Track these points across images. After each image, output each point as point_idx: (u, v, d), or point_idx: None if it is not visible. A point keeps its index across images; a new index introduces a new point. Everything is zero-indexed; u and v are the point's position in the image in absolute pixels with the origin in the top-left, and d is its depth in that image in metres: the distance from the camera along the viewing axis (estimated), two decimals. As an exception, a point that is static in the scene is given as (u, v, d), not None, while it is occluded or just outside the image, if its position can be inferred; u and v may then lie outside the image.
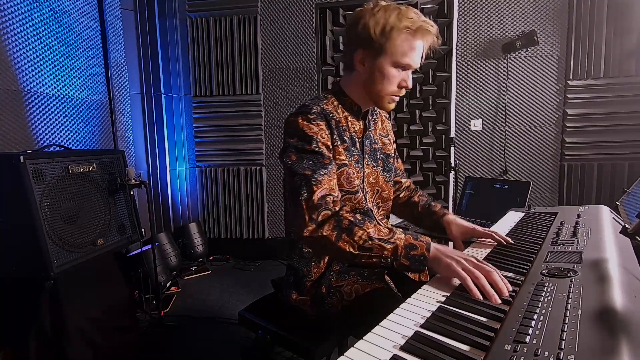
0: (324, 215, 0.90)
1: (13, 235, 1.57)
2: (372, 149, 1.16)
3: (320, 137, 0.99)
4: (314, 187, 0.92)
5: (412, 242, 0.88)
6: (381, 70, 1.01)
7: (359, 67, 1.04)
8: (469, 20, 2.88)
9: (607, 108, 2.75)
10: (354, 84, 1.09)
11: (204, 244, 3.28)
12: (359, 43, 1.01)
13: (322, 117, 1.02)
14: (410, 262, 0.86)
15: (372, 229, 0.90)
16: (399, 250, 0.87)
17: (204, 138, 3.34)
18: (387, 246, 0.87)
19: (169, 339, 2.07)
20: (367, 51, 1.01)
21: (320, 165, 0.96)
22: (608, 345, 0.46)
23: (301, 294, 1.09)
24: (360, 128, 1.14)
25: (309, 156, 0.97)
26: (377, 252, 0.88)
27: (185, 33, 3.22)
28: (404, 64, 1.00)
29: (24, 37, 2.02)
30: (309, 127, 0.99)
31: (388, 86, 1.03)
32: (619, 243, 0.86)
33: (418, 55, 1.02)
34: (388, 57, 0.99)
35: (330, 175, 0.96)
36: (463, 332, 0.59)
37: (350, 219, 0.90)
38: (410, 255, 0.86)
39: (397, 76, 1.02)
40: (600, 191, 2.83)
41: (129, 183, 1.98)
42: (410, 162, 2.93)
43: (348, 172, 1.05)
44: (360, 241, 0.88)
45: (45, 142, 2.14)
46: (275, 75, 3.22)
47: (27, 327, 1.55)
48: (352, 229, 0.89)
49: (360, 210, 1.08)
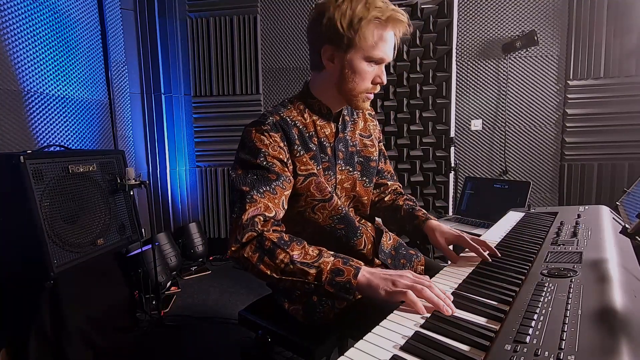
0: (248, 237, 0.84)
1: (13, 235, 1.57)
2: (347, 153, 1.08)
3: (271, 150, 0.93)
4: (247, 206, 0.87)
5: (340, 266, 0.80)
6: (352, 66, 0.93)
7: (328, 65, 0.96)
8: (469, 20, 2.88)
9: (607, 108, 2.75)
10: (323, 85, 1.02)
11: (204, 244, 3.28)
12: (325, 39, 0.93)
13: (277, 129, 0.95)
14: (335, 290, 0.78)
15: (297, 252, 0.83)
16: (323, 275, 0.79)
17: (204, 138, 3.34)
18: (311, 271, 0.80)
19: (169, 339, 2.07)
20: (334, 47, 0.93)
21: (263, 181, 0.90)
22: (608, 345, 0.46)
23: (293, 304, 1.05)
24: (332, 132, 1.05)
25: (254, 171, 0.91)
26: (300, 277, 0.81)
27: (185, 33, 3.22)
28: (376, 57, 0.93)
29: (24, 37, 2.02)
30: (259, 139, 0.93)
31: (361, 83, 0.96)
32: (619, 243, 0.86)
33: (390, 47, 0.95)
34: (359, 51, 0.92)
35: (273, 192, 0.91)
36: (463, 332, 0.59)
37: (274, 241, 0.83)
38: (335, 282, 0.78)
39: (370, 72, 0.95)
40: (600, 191, 2.83)
41: (129, 183, 1.98)
42: (410, 162, 2.93)
43: (317, 181, 0.99)
44: (282, 265, 0.82)
45: (45, 142, 2.14)
46: (275, 75, 3.22)
47: (27, 327, 1.56)
48: (275, 251, 0.82)
49: (337, 216, 1.04)
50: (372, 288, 0.77)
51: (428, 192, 2.93)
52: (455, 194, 2.86)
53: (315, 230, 1.03)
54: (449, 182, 2.85)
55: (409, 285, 0.73)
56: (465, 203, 2.46)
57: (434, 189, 2.92)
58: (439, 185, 2.91)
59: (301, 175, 0.98)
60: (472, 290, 0.76)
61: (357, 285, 0.78)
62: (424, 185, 2.93)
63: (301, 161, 0.98)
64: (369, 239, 1.10)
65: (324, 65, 0.97)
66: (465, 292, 0.76)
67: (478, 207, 2.38)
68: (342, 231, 1.06)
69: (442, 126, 2.84)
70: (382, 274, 0.78)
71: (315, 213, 1.03)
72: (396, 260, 1.14)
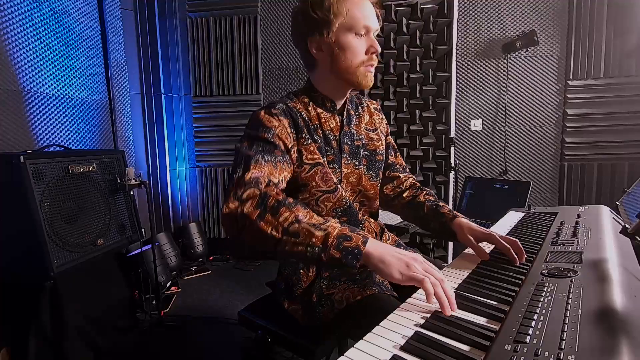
0: (249, 194, 0.80)
1: (13, 235, 1.57)
2: (353, 147, 1.07)
3: (279, 132, 0.93)
4: (251, 167, 0.84)
5: (347, 233, 0.76)
6: (339, 43, 0.94)
7: (319, 56, 0.98)
8: (469, 20, 2.88)
9: (607, 108, 2.75)
10: (322, 77, 1.02)
11: (204, 244, 3.28)
12: (307, 32, 0.96)
13: (286, 115, 0.96)
14: (342, 255, 0.73)
15: (302, 213, 0.78)
16: (329, 239, 0.74)
17: (204, 138, 3.34)
18: (317, 232, 0.75)
19: (169, 339, 2.07)
20: (318, 34, 0.95)
21: (268, 152, 0.89)
22: (608, 345, 0.46)
23: (292, 303, 1.05)
24: (337, 125, 1.05)
25: (260, 143, 0.90)
26: (304, 239, 0.75)
27: (185, 33, 3.22)
28: (358, 26, 0.93)
29: (24, 37, 2.02)
30: (268, 120, 0.94)
31: (354, 57, 0.95)
32: (619, 243, 0.86)
33: (369, 13, 0.95)
34: (340, 28, 0.93)
35: (275, 165, 0.89)
36: (463, 332, 0.59)
37: (278, 199, 0.79)
38: (343, 247, 0.74)
39: (359, 43, 0.95)
40: (600, 191, 2.83)
41: (129, 183, 1.98)
42: (410, 162, 2.93)
43: (323, 171, 0.99)
44: (285, 223, 0.76)
45: (45, 142, 2.14)
46: (275, 75, 3.22)
47: (27, 326, 1.56)
48: (279, 208, 0.77)
49: (341, 208, 1.03)
50: (384, 264, 0.73)
51: (428, 192, 2.93)
52: (455, 194, 2.86)
53: None
54: (449, 182, 2.84)
55: (425, 274, 0.70)
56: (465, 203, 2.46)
57: (434, 189, 2.92)
58: (439, 185, 2.91)
59: (307, 164, 0.98)
60: (472, 290, 0.75)
61: (366, 253, 0.74)
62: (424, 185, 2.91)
63: (308, 150, 0.98)
64: (371, 234, 1.10)
65: (315, 57, 0.99)
66: (465, 292, 0.75)
67: (478, 207, 2.38)
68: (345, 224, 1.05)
69: (442, 126, 2.84)
70: (395, 252, 0.75)
71: (319, 205, 1.02)
72: None
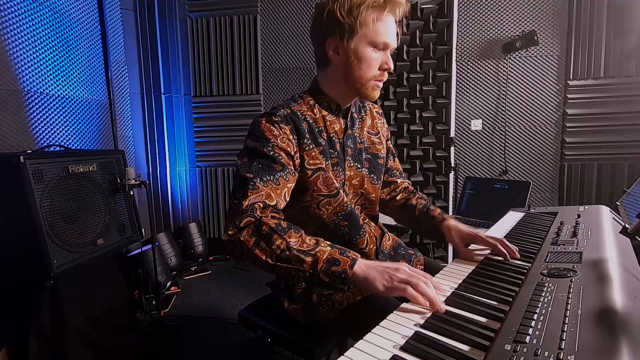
0: (246, 222, 0.84)
1: (13, 235, 1.57)
2: (356, 150, 1.08)
3: (280, 142, 0.93)
4: (249, 192, 0.87)
5: (336, 256, 0.79)
6: (357, 53, 0.95)
7: (334, 58, 0.98)
8: (469, 20, 2.88)
9: (607, 108, 2.75)
10: (331, 79, 1.03)
11: (204, 244, 3.28)
12: (328, 32, 0.96)
13: (287, 121, 0.96)
14: (330, 279, 0.78)
15: (294, 239, 0.82)
16: (319, 264, 0.78)
17: (204, 138, 3.34)
18: (307, 259, 0.79)
19: (169, 339, 2.07)
20: (338, 37, 0.95)
21: (267, 170, 0.91)
22: (608, 345, 0.46)
23: (293, 303, 1.05)
24: (341, 127, 1.06)
25: (260, 160, 0.92)
26: (295, 265, 0.80)
27: (185, 33, 3.22)
28: (379, 42, 0.94)
29: (24, 37, 2.02)
30: (269, 129, 0.94)
31: (368, 70, 0.96)
32: (619, 243, 0.86)
33: (392, 32, 0.96)
34: (361, 38, 0.93)
35: (277, 183, 0.91)
36: (463, 332, 0.60)
37: (271, 226, 0.83)
38: (331, 272, 0.78)
39: (376, 58, 0.96)
40: (600, 191, 2.83)
41: (129, 183, 1.98)
42: (410, 162, 2.93)
43: (325, 176, 1.00)
44: (277, 251, 0.81)
45: (45, 142, 2.14)
46: (275, 75, 3.21)
47: (27, 326, 1.55)
48: (272, 236, 0.82)
49: (342, 212, 1.04)
50: (368, 281, 0.77)
51: (428, 192, 2.92)
52: (455, 194, 2.86)
53: (318, 227, 1.03)
54: (449, 182, 2.84)
55: (405, 280, 0.74)
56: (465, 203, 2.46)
57: (434, 189, 2.92)
58: (439, 185, 2.91)
59: (309, 169, 0.99)
60: (472, 290, 0.76)
61: (353, 276, 0.77)
62: (424, 185, 2.93)
63: (310, 155, 0.99)
64: (371, 239, 1.10)
65: (330, 59, 0.98)
66: (465, 292, 0.76)
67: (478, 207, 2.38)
68: (346, 228, 1.05)
69: (442, 126, 2.83)
70: (379, 267, 0.78)
71: (320, 209, 1.03)
72: (395, 260, 1.14)
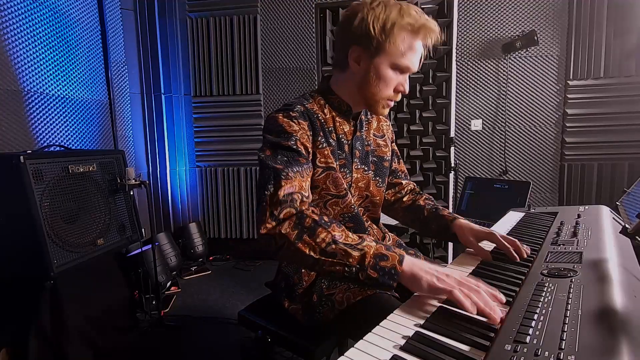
0: (286, 213, 0.81)
1: (13, 235, 1.57)
2: (363, 152, 1.08)
3: (300, 137, 0.93)
4: (282, 182, 0.84)
5: (384, 252, 0.77)
6: (378, 71, 0.94)
7: (354, 67, 0.97)
8: (469, 20, 2.88)
9: (607, 108, 2.75)
10: (345, 84, 1.02)
11: (204, 244, 3.28)
12: (355, 39, 0.94)
13: (304, 117, 0.96)
14: (379, 275, 0.74)
15: (338, 232, 0.80)
16: (367, 259, 0.75)
17: (204, 138, 3.34)
18: (354, 253, 0.76)
19: (169, 339, 2.07)
20: (363, 49, 0.94)
21: (294, 162, 0.89)
22: (608, 345, 0.46)
23: (293, 303, 1.05)
24: (350, 129, 1.06)
25: (285, 152, 0.90)
26: (341, 259, 0.77)
27: (185, 33, 3.22)
28: (403, 65, 0.94)
29: (24, 37, 2.02)
30: (289, 124, 0.93)
31: (384, 89, 0.96)
32: (619, 243, 0.86)
33: (418, 57, 0.96)
34: (387, 57, 0.93)
35: (302, 175, 0.90)
36: (463, 332, 0.59)
37: (314, 219, 0.81)
38: (380, 267, 0.75)
39: (395, 79, 0.96)
40: (600, 191, 2.83)
41: (129, 183, 1.98)
42: (410, 162, 2.93)
43: (335, 176, 0.99)
44: (322, 244, 0.78)
45: (45, 142, 2.14)
46: (275, 75, 3.21)
47: (27, 326, 1.55)
48: (316, 229, 0.79)
49: (349, 214, 1.03)
50: (415, 278, 0.73)
51: (428, 192, 2.92)
52: (455, 194, 2.86)
53: None
54: (449, 182, 2.84)
55: (453, 286, 0.69)
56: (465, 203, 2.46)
57: (434, 189, 2.91)
58: (439, 185, 2.90)
59: (320, 167, 0.98)
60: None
61: (402, 272, 0.74)
62: (424, 185, 2.93)
63: (322, 153, 0.99)
64: None
65: (350, 65, 0.98)
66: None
67: (478, 207, 2.38)
68: (351, 230, 1.05)
69: (442, 126, 2.83)
70: (427, 268, 0.75)
71: (326, 208, 1.03)
72: None
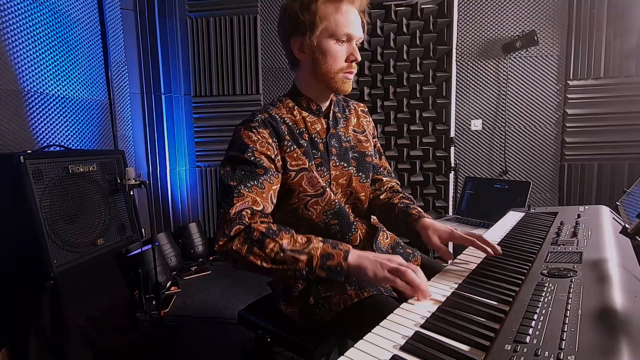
0: (236, 230, 0.85)
1: (13, 235, 1.57)
2: (341, 149, 1.08)
3: (259, 146, 0.94)
4: (234, 200, 0.88)
5: (329, 251, 0.82)
6: (321, 48, 0.95)
7: (301, 57, 0.99)
8: (469, 20, 2.88)
9: (607, 108, 2.75)
10: (305, 79, 1.04)
11: (204, 244, 3.28)
12: (290, 31, 0.97)
13: (265, 125, 0.97)
14: (327, 274, 0.81)
15: (286, 240, 0.84)
16: (314, 261, 0.81)
17: (204, 138, 3.34)
18: (302, 257, 0.81)
19: (169, 339, 2.07)
20: (300, 36, 0.96)
21: (250, 176, 0.91)
22: (608, 345, 0.46)
23: (290, 305, 1.05)
24: (323, 127, 1.06)
25: (242, 166, 0.93)
26: (291, 265, 0.82)
27: (185, 33, 3.22)
28: (341, 34, 0.94)
29: (24, 37, 2.01)
30: (248, 135, 0.95)
31: (334, 63, 0.96)
32: (619, 243, 0.86)
33: (353, 21, 0.95)
34: (322, 32, 0.94)
35: (261, 187, 0.92)
36: (463, 332, 0.59)
37: (262, 231, 0.85)
38: (327, 266, 0.81)
39: (340, 50, 0.96)
40: (600, 191, 2.83)
41: (129, 183, 1.98)
42: (410, 162, 2.93)
43: (309, 176, 1.00)
44: (272, 254, 0.82)
45: (45, 142, 2.14)
46: (275, 75, 3.21)
47: (27, 326, 1.55)
48: (264, 241, 0.84)
49: (331, 211, 1.04)
50: (361, 269, 0.80)
51: (428, 192, 2.93)
52: (455, 194, 2.86)
53: (309, 229, 1.03)
54: (449, 182, 2.85)
55: (395, 269, 0.77)
56: (465, 203, 2.46)
57: (434, 189, 2.92)
58: (439, 185, 2.91)
59: (292, 170, 0.99)
60: (472, 290, 0.75)
61: (348, 267, 0.81)
62: (424, 185, 2.93)
63: (292, 156, 0.99)
64: (364, 235, 1.11)
65: (298, 58, 1.00)
66: (465, 292, 0.75)
67: (478, 207, 2.38)
68: (337, 227, 1.06)
69: (442, 126, 2.84)
70: (371, 257, 0.81)
71: (308, 209, 1.03)
72: None
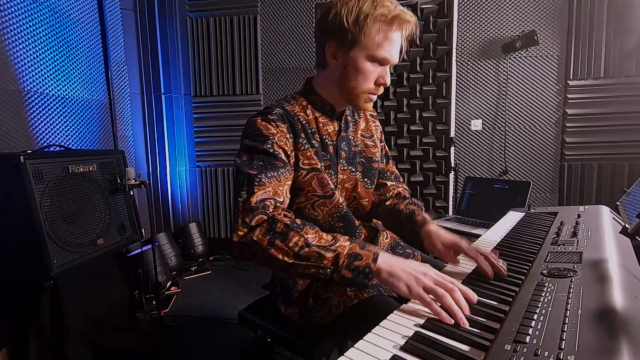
0: (258, 220, 0.81)
1: (13, 235, 1.57)
2: (350, 152, 1.06)
3: (278, 140, 0.91)
4: (255, 189, 0.84)
5: (357, 251, 0.77)
6: (355, 64, 0.92)
7: (331, 62, 0.96)
8: (469, 20, 2.88)
9: (607, 108, 2.75)
10: (326, 82, 1.00)
11: (204, 244, 3.28)
12: (330, 35, 0.92)
13: (283, 119, 0.95)
14: (353, 274, 0.75)
15: (311, 235, 0.80)
16: (340, 259, 0.76)
17: (204, 138, 3.34)
18: (327, 254, 0.76)
19: (169, 339, 2.07)
20: (339, 43, 0.92)
21: (270, 167, 0.88)
22: (608, 345, 0.46)
23: (289, 306, 1.04)
24: (335, 130, 1.04)
25: (260, 157, 0.89)
26: (315, 262, 0.77)
27: (185, 33, 3.22)
28: (380, 57, 0.91)
29: (24, 37, 2.02)
30: (266, 127, 0.92)
31: (363, 83, 0.94)
32: (619, 243, 0.86)
33: (395, 49, 0.93)
34: (362, 49, 0.90)
35: (279, 179, 0.88)
36: (463, 332, 0.60)
37: (286, 223, 0.80)
38: (354, 266, 0.75)
39: (374, 72, 0.93)
40: (600, 191, 2.83)
41: (129, 183, 1.98)
42: (410, 162, 2.93)
43: (320, 177, 0.98)
44: (295, 248, 0.77)
45: (45, 142, 2.14)
46: (275, 75, 3.21)
47: (27, 327, 1.55)
48: (288, 234, 0.79)
49: (337, 214, 1.02)
50: (393, 278, 0.74)
51: (428, 192, 2.92)
52: (455, 194, 2.86)
53: None
54: (449, 182, 2.84)
55: (431, 288, 0.69)
56: (465, 203, 2.46)
57: (434, 189, 2.91)
58: (439, 185, 2.90)
59: (304, 169, 0.97)
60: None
61: (377, 270, 0.75)
62: (424, 185, 2.93)
63: (305, 155, 0.97)
64: (365, 237, 1.10)
65: (328, 62, 0.96)
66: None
67: (478, 207, 2.38)
68: (341, 230, 1.05)
69: (442, 126, 2.83)
70: (404, 266, 0.75)
71: (315, 210, 1.01)
72: None
